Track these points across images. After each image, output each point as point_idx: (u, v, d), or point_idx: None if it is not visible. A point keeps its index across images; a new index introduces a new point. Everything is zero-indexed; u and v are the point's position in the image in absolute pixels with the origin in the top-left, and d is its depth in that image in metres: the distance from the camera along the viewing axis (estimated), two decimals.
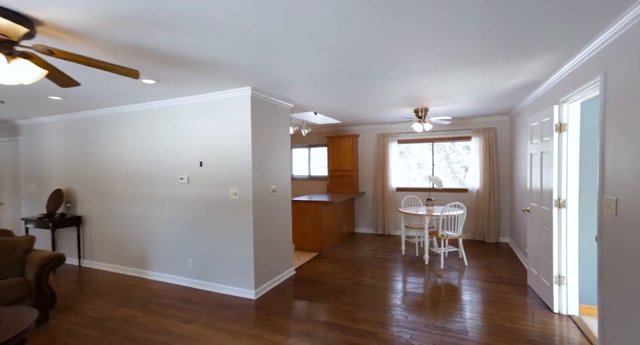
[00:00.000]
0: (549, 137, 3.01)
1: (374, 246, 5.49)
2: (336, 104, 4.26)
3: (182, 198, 3.68)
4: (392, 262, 4.55)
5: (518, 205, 4.80)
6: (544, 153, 3.16)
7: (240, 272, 3.39)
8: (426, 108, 4.64)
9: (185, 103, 3.62)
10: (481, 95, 3.86)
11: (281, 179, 3.90)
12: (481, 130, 5.58)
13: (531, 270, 3.51)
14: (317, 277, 3.98)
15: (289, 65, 2.57)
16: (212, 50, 2.21)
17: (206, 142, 3.52)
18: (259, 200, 3.44)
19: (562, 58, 2.51)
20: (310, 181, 7.27)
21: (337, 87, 3.34)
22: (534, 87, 3.44)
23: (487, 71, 2.84)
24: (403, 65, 2.62)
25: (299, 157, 7.50)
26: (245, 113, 3.31)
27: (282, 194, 3.92)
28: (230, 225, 3.43)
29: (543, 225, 3.15)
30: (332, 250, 5.25)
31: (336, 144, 6.54)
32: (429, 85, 3.28)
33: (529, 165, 3.56)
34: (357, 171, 6.62)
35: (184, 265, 3.69)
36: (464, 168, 6.07)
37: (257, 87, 3.26)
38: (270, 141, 3.67)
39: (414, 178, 6.41)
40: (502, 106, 4.63)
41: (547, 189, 3.07)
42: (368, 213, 6.64)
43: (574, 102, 2.79)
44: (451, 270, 4.15)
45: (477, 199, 5.64)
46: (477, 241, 5.67)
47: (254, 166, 3.36)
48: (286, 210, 4.02)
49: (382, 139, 6.30)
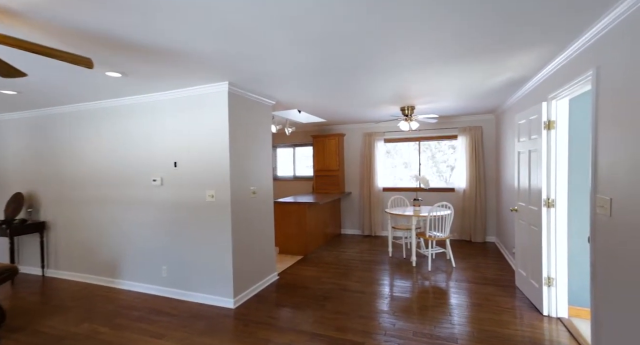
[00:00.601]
0: (537, 135, 2.93)
1: (360, 248, 5.35)
2: (320, 101, 4.09)
3: (156, 201, 3.43)
4: (379, 265, 4.41)
5: (504, 205, 4.76)
6: (532, 151, 3.09)
7: (218, 279, 3.17)
8: (412, 106, 4.53)
9: (158, 99, 3.37)
10: (468, 93, 3.77)
11: (262, 179, 3.70)
12: (467, 129, 5.53)
13: (519, 271, 3.44)
14: (301, 282, 3.80)
15: (267, 57, 2.39)
16: (178, 38, 2.00)
17: (181, 141, 3.29)
18: (238, 203, 3.24)
19: (552, 52, 2.42)
20: (295, 181, 7.08)
21: (320, 83, 3.17)
22: (521, 84, 3.37)
23: (475, 66, 2.73)
24: (388, 58, 2.47)
25: (284, 157, 7.30)
26: (222, 110, 3.09)
27: (264, 195, 3.73)
28: (207, 230, 3.21)
29: (531, 225, 3.07)
30: (317, 253, 5.08)
31: (321, 144, 6.38)
32: (415, 81, 3.16)
33: (517, 164, 3.48)
34: (343, 171, 6.47)
35: (158, 272, 3.44)
36: (450, 167, 6.01)
37: (234, 82, 3.06)
38: (250, 140, 3.47)
39: (401, 177, 6.31)
40: (489, 104, 4.57)
41: (535, 188, 2.99)
42: (354, 214, 6.50)
43: (563, 99, 2.71)
44: (439, 272, 4.04)
45: (463, 199, 5.58)
46: (464, 241, 5.61)
47: (232, 166, 3.15)
48: (268, 213, 3.82)
49: (368, 138, 6.18)
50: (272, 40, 2.08)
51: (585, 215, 2.84)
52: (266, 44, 2.15)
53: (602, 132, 1.93)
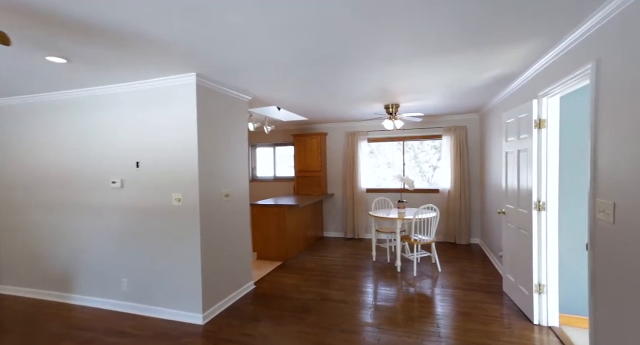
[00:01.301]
0: (527, 134, 2.79)
1: (343, 252, 5.13)
2: (300, 97, 3.83)
3: (115, 205, 3.07)
4: (363, 270, 4.20)
5: (489, 206, 4.65)
6: (521, 151, 2.95)
7: (185, 292, 2.86)
8: (397, 104, 4.35)
9: (117, 92, 3.01)
10: (454, 90, 3.62)
11: (237, 181, 3.40)
12: (452, 129, 5.41)
13: (507, 276, 3.30)
14: (279, 292, 3.53)
15: (239, 45, 2.11)
16: (129, 17, 1.70)
17: (144, 139, 2.95)
18: (208, 207, 2.93)
19: (545, 46, 2.26)
20: (275, 182, 6.79)
21: (299, 77, 2.92)
22: (509, 81, 3.23)
23: (462, 58, 2.55)
24: (372, 49, 2.25)
25: (264, 157, 6.99)
26: (190, 104, 2.78)
27: (239, 198, 3.43)
28: (172, 237, 2.88)
29: (521, 229, 2.93)
30: (298, 258, 4.82)
31: (303, 143, 6.12)
32: (400, 76, 2.95)
33: (504, 165, 3.35)
34: (325, 171, 6.24)
35: (117, 286, 3.08)
36: (432, 167, 5.89)
37: (203, 74, 2.75)
38: (223, 138, 3.17)
39: (384, 177, 6.14)
40: (474, 103, 4.44)
41: (525, 190, 2.85)
42: (337, 216, 6.28)
43: (554, 97, 2.57)
44: (424, 278, 3.87)
45: (448, 200, 5.47)
46: (448, 243, 5.49)
47: (202, 167, 2.85)
48: (243, 217, 3.53)
49: (351, 137, 5.97)
50: (242, 25, 1.81)
51: (576, 219, 2.72)
52: (236, 30, 1.87)
53: (602, 130, 1.77)
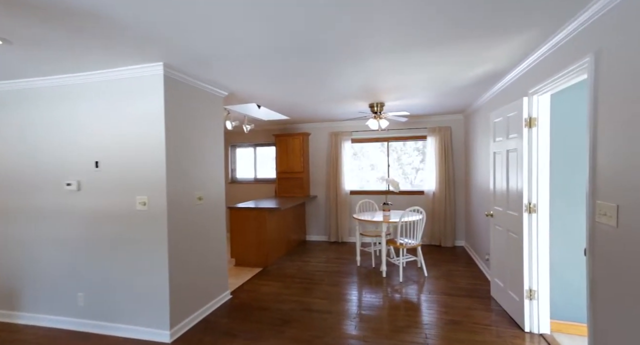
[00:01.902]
0: (517, 134, 2.68)
1: (326, 256, 4.92)
2: (281, 94, 3.61)
3: (71, 210, 2.74)
4: (347, 276, 4.01)
5: (475, 208, 4.58)
6: (510, 151, 2.84)
7: (151, 306, 2.56)
8: (382, 103, 4.20)
9: (73, 83, 2.69)
10: (440, 88, 3.50)
11: (212, 182, 3.14)
12: (437, 129, 5.33)
13: (495, 280, 3.19)
14: (258, 302, 3.28)
15: (210, 32, 1.87)
16: None
17: (104, 136, 2.64)
18: (178, 211, 2.66)
19: (539, 38, 2.14)
20: (256, 184, 6.51)
21: (279, 70, 2.70)
22: (498, 78, 3.13)
23: (450, 53, 2.41)
24: (357, 39, 2.06)
25: (244, 158, 6.70)
26: (157, 98, 2.51)
27: (214, 201, 3.16)
28: (136, 245, 2.59)
29: (510, 232, 2.82)
30: (278, 264, 4.57)
31: (284, 143, 5.88)
32: (385, 71, 2.79)
33: (492, 166, 3.25)
34: (307, 173, 6.02)
35: (73, 301, 2.74)
36: (415, 169, 5.79)
37: (172, 65, 2.49)
38: (196, 136, 2.90)
39: (367, 179, 5.99)
40: (460, 102, 4.36)
41: (514, 191, 2.74)
42: (320, 219, 6.07)
43: (545, 94, 2.47)
44: (411, 283, 3.72)
45: (433, 202, 5.37)
46: (433, 246, 5.40)
47: (170, 167, 2.57)
48: (219, 221, 3.26)
49: (335, 137, 5.79)
50: (214, 6, 1.58)
51: (566, 221, 2.63)
52: (207, 12, 1.64)
53: (602, 128, 1.65)
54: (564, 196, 2.64)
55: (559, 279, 2.64)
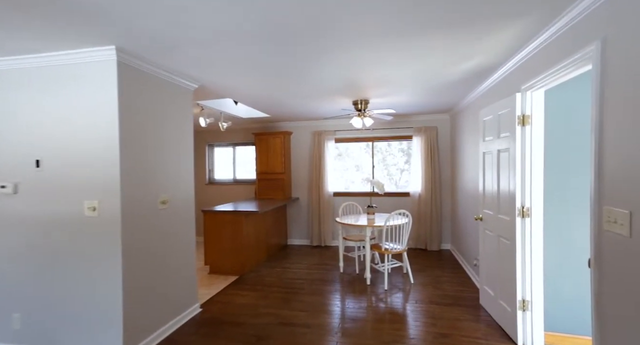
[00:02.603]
0: (509, 132, 2.51)
1: (308, 262, 4.66)
2: (258, 88, 3.33)
3: (5, 217, 2.36)
4: (329, 284, 3.76)
5: (461, 211, 4.43)
6: (501, 151, 2.67)
7: (101, 326, 2.23)
8: (366, 100, 3.98)
9: (9, 68, 2.33)
10: (427, 84, 3.30)
11: (179, 185, 2.82)
12: (422, 129, 5.16)
13: (484, 288, 3.01)
14: (230, 315, 2.98)
15: (170, 8, 1.58)
16: None
17: (47, 131, 2.29)
18: (136, 216, 2.34)
19: (536, 26, 1.96)
20: (235, 186, 6.18)
21: (253, 59, 2.42)
22: (488, 73, 2.96)
23: (438, 44, 2.20)
24: (336, 23, 1.82)
25: (222, 158, 6.36)
26: (109, 88, 2.18)
27: (181, 205, 2.85)
28: (84, 257, 2.25)
29: (501, 237, 2.64)
30: (256, 271, 4.28)
31: (265, 142, 5.59)
32: (369, 62, 2.56)
33: (482, 167, 3.08)
34: (289, 174, 5.75)
35: (6, 324, 2.36)
36: (400, 170, 5.61)
37: (127, 49, 2.17)
38: (160, 133, 2.59)
39: (352, 180, 5.77)
40: (447, 100, 4.20)
41: (506, 194, 2.56)
42: (302, 222, 5.80)
43: (539, 90, 2.30)
44: (396, 291, 3.50)
45: (419, 204, 5.20)
46: (419, 249, 5.22)
47: (126, 167, 2.25)
48: (188, 227, 2.95)
49: (317, 137, 5.54)
50: None
51: (560, 227, 2.47)
52: None
53: (610, 125, 1.47)
54: (557, 200, 2.48)
55: (553, 287, 2.48)
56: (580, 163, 2.44)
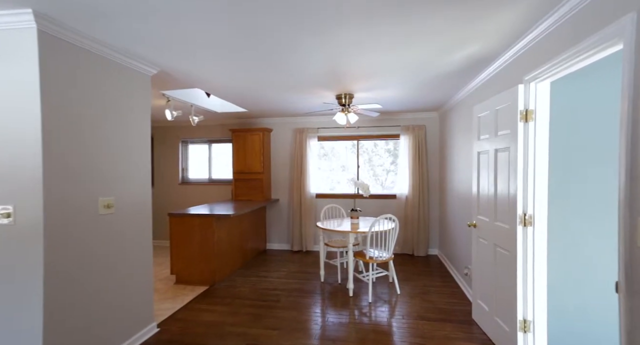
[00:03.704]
0: (509, 130, 2.22)
1: (287, 270, 4.28)
2: (229, 76, 2.93)
3: None
4: (308, 296, 3.40)
5: (450, 215, 4.16)
6: (499, 151, 2.38)
7: None
8: (351, 94, 3.65)
9: None
10: (415, 77, 3.00)
11: (131, 184, 2.40)
12: (410, 128, 4.87)
13: (478, 302, 2.73)
14: (192, 336, 2.58)
15: None
16: None
17: None
18: (66, 224, 1.91)
19: (546, 4, 1.66)
20: (211, 186, 5.73)
21: (219, 36, 2.04)
22: (485, 64, 2.67)
23: (428, 27, 1.88)
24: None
25: (198, 156, 5.90)
26: (27, 63, 1.75)
27: (133, 209, 2.43)
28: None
29: (499, 247, 2.35)
30: (229, 281, 3.87)
31: (242, 140, 5.17)
32: (354, 48, 2.22)
33: (476, 168, 2.79)
34: (269, 173, 5.36)
35: None
36: (386, 171, 5.31)
37: (50, 15, 1.75)
38: (103, 123, 2.17)
39: (338, 181, 5.43)
40: (437, 97, 3.91)
41: (504, 199, 2.27)
42: (282, 225, 5.42)
43: (544, 81, 2.02)
44: (381, 304, 3.18)
45: (406, 207, 4.91)
46: (406, 255, 4.93)
47: (52, 163, 1.83)
48: (142, 235, 2.53)
49: (299, 134, 5.17)
50: None
51: (564, 235, 2.20)
52: None
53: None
54: (558, 206, 2.21)
55: (556, 303, 2.21)
56: (583, 166, 2.18)
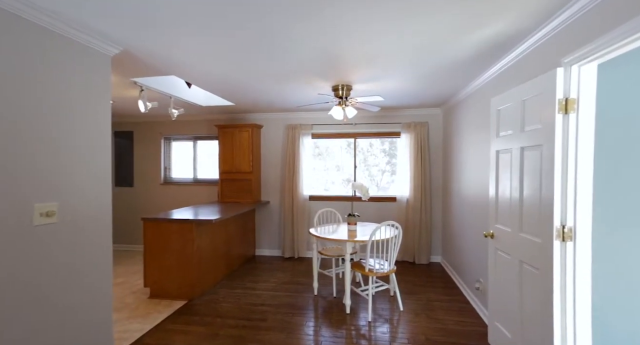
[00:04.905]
0: (541, 124, 1.84)
1: (276, 280, 3.87)
2: (210, 61, 2.51)
3: None
4: (299, 313, 2.99)
5: (456, 219, 3.79)
6: (526, 149, 2.00)
7: None
8: (349, 85, 3.25)
9: None
10: (422, 64, 2.61)
11: (81, 187, 1.97)
12: (412, 125, 4.50)
13: (496, 325, 2.35)
14: None
15: None
16: None
17: None
18: None
19: None
20: (196, 186, 5.29)
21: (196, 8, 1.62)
22: (511, 45, 2.28)
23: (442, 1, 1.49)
24: None
25: (182, 154, 5.44)
26: None
27: (86, 216, 2.00)
28: None
29: (526, 264, 1.98)
30: (211, 294, 3.45)
31: (230, 136, 4.74)
32: (351, 27, 1.82)
33: (494, 169, 2.41)
34: (258, 173, 4.94)
35: None
36: (381, 171, 4.92)
37: None
38: (44, 110, 1.74)
39: (333, 181, 5.03)
40: (443, 89, 3.53)
41: (533, 206, 1.90)
42: (273, 229, 5.01)
43: (591, 63, 1.64)
44: (382, 323, 2.79)
45: (407, 210, 4.53)
46: (406, 262, 4.55)
47: None
48: (100, 249, 2.10)
49: (292, 131, 4.76)
50: None
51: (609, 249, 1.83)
52: None
53: None
54: (605, 214, 1.84)
55: (602, 330, 1.84)
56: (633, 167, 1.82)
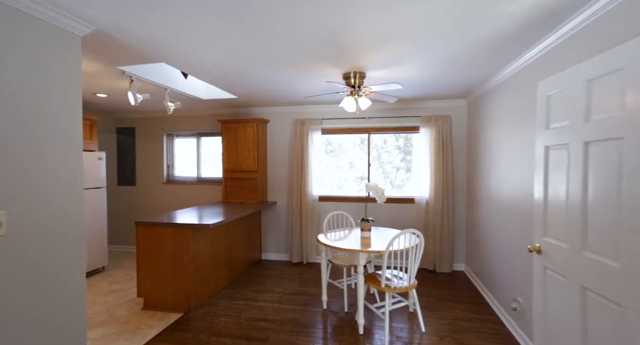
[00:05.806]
0: (617, 111, 1.39)
1: (282, 290, 3.53)
2: (204, 44, 2.15)
3: None
4: (305, 332, 2.63)
5: (484, 224, 3.33)
6: (593, 144, 1.55)
7: None
8: (362, 72, 2.85)
9: None
10: (455, 41, 2.17)
11: (46, 190, 1.66)
12: (433, 119, 4.04)
13: None
14: None
15: None
16: None
17: None
18: None
19: None
20: (200, 186, 5.00)
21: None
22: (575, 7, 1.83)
23: None
24: None
25: (186, 151, 5.16)
26: None
27: (53, 228, 1.69)
28: None
29: (593, 293, 1.54)
30: (209, 306, 3.13)
31: (233, 132, 4.41)
32: None
33: (542, 168, 1.96)
34: (264, 172, 4.60)
35: None
36: (395, 168, 4.48)
37: None
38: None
39: (346, 179, 4.63)
40: (469, 76, 3.07)
41: (605, 217, 1.46)
42: (280, 232, 4.67)
43: None
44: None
45: (426, 213, 4.09)
46: (426, 270, 4.13)
47: None
48: (71, 267, 1.79)
49: (300, 126, 4.38)
50: None
51: None
52: None
53: None
54: None
55: None
56: None
